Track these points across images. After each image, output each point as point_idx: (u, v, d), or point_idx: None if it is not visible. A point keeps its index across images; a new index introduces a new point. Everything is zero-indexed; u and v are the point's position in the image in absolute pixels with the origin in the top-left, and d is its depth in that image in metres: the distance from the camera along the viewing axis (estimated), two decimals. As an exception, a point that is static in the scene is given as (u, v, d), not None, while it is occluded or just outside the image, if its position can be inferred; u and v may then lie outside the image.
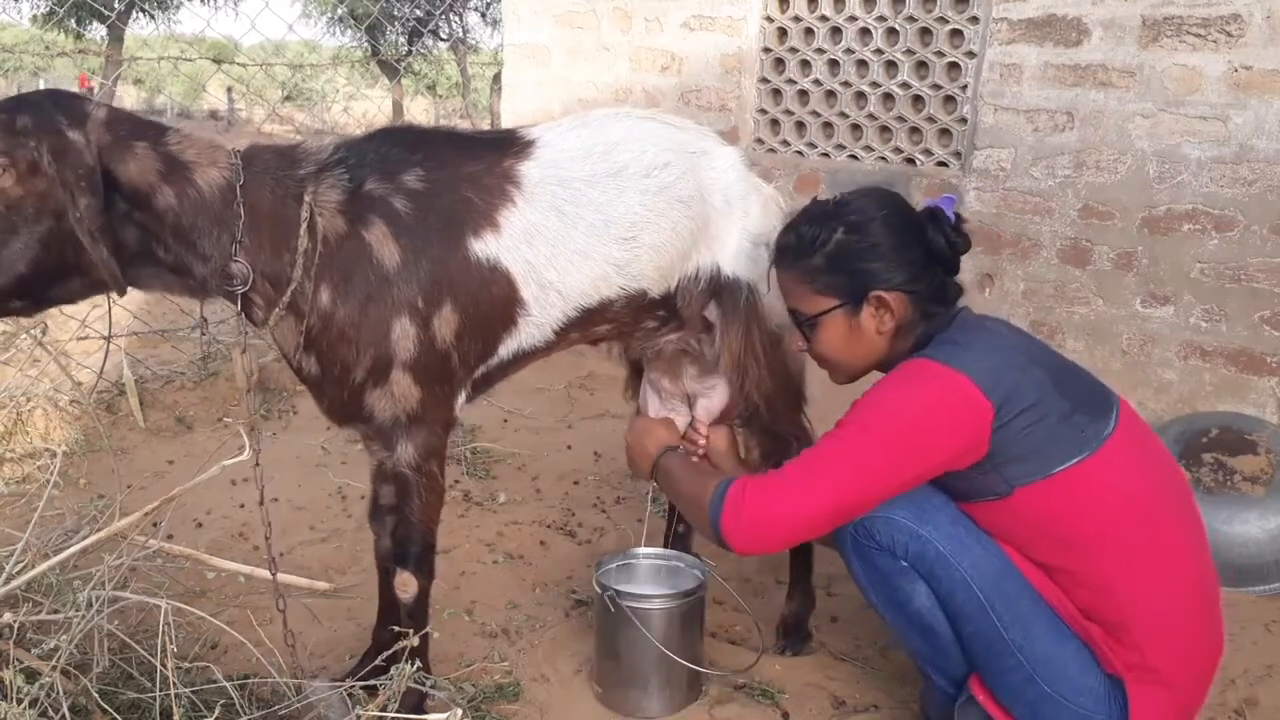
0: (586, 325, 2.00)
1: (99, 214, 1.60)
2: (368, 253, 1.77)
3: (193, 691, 1.71)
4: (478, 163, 1.88)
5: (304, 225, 1.74)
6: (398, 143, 1.87)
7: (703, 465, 2.10)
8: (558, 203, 1.88)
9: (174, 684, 1.62)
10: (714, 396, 2.21)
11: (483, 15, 15.89)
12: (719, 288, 2.07)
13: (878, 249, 1.75)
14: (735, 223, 2.07)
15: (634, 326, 2.09)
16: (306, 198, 1.76)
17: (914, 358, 1.69)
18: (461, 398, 1.94)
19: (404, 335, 1.79)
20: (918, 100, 3.62)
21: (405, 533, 1.91)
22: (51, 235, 1.62)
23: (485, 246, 1.83)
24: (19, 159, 1.57)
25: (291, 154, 1.83)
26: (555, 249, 1.87)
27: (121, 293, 1.72)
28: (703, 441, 2.17)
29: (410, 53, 16.50)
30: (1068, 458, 1.60)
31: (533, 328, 1.92)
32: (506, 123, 4.76)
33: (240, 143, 1.82)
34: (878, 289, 1.74)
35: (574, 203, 1.89)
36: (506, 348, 1.93)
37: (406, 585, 1.92)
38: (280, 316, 1.78)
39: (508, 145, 1.93)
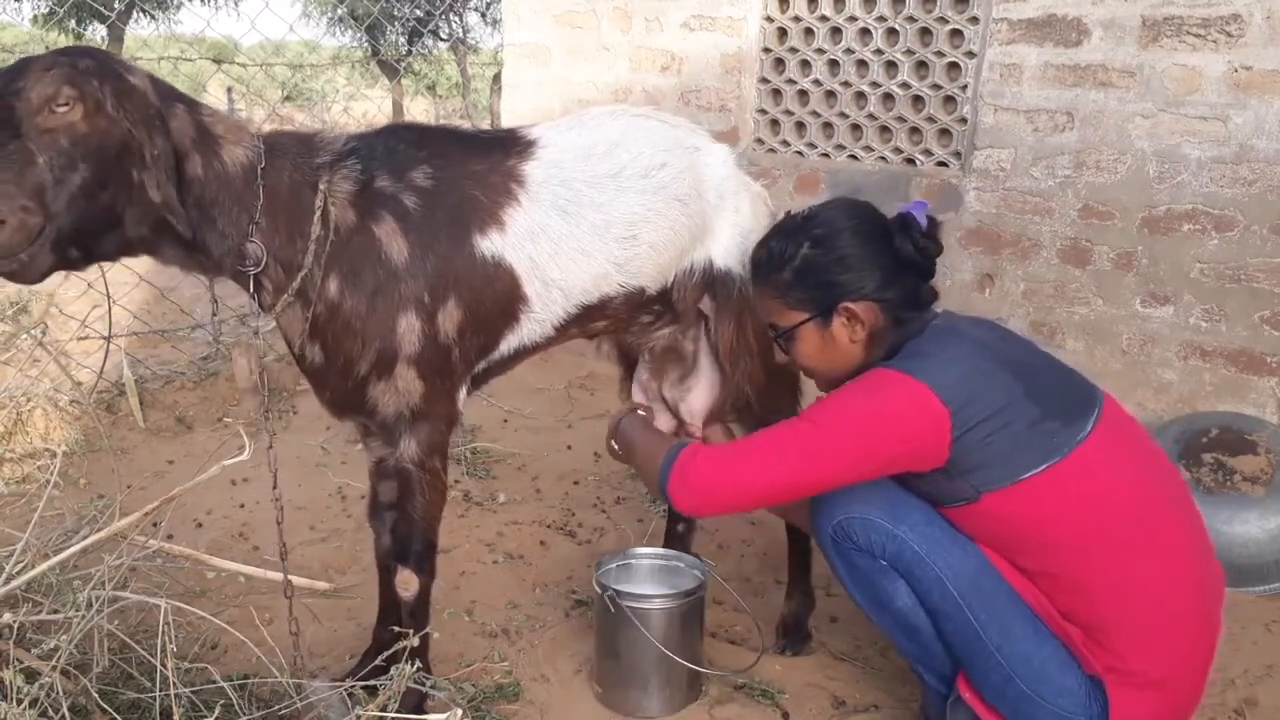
0: (585, 321, 2.04)
1: (170, 154, 1.63)
2: (377, 247, 1.79)
3: (193, 691, 1.71)
4: (482, 162, 1.90)
5: (318, 213, 1.76)
6: (404, 139, 1.90)
7: (658, 429, 2.14)
8: (560, 202, 1.91)
9: (174, 684, 1.62)
10: (692, 399, 2.25)
11: (483, 15, 15.87)
12: (712, 280, 2.12)
13: (845, 261, 1.77)
14: (727, 218, 2.12)
15: (630, 322, 2.13)
16: (321, 186, 1.78)
17: (877, 367, 1.71)
18: (462, 393, 1.95)
19: (409, 329, 1.80)
20: (918, 100, 3.62)
21: (407, 530, 1.91)
22: (109, 176, 1.62)
23: (490, 244, 1.86)
24: (87, 94, 1.57)
25: (310, 141, 1.85)
26: (558, 247, 1.90)
27: (188, 234, 1.70)
28: (698, 438, 2.18)
29: (410, 53, 16.47)
30: (1035, 464, 1.61)
31: (534, 324, 1.95)
32: (506, 123, 4.75)
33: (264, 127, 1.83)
34: (846, 301, 1.76)
35: (576, 202, 1.92)
36: (507, 343, 1.96)
37: (408, 583, 1.93)
38: (288, 303, 1.79)
39: (510, 145, 1.96)
